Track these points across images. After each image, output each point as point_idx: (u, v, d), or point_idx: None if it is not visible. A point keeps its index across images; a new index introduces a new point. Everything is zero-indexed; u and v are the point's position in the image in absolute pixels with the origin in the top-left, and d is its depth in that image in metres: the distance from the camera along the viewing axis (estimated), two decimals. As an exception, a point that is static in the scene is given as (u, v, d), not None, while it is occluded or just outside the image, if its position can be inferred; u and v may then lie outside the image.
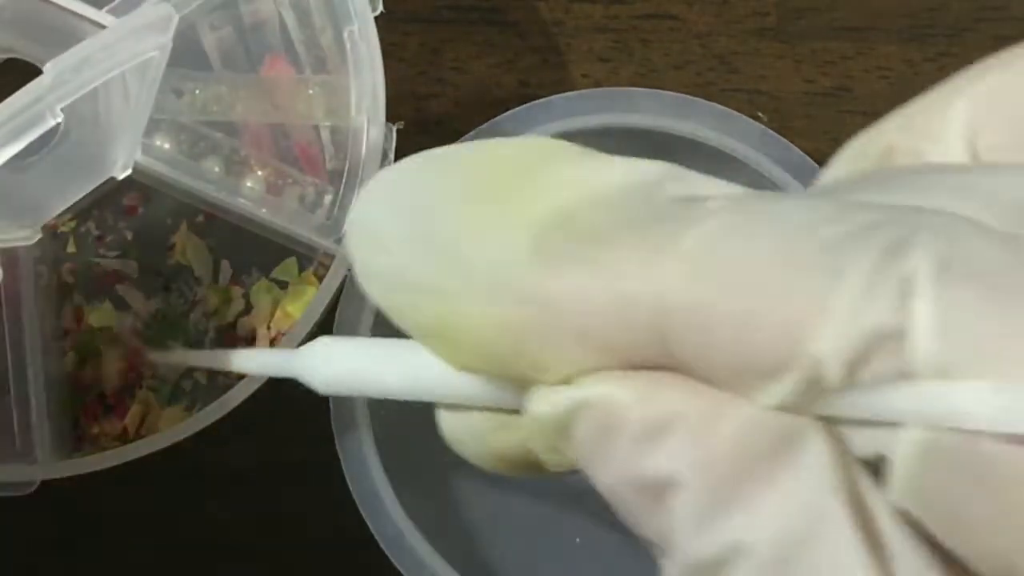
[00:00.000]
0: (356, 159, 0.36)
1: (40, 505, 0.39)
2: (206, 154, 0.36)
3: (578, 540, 0.39)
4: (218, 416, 0.35)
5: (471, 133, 0.39)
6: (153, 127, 0.35)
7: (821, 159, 0.39)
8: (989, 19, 0.42)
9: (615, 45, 0.42)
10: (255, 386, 0.35)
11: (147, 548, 0.40)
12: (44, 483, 0.34)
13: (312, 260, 0.39)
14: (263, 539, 0.40)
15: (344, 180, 0.36)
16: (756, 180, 0.39)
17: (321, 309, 0.36)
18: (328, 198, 0.36)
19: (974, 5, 0.42)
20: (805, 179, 0.39)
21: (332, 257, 0.36)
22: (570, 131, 0.40)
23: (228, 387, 0.35)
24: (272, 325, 0.39)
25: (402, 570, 0.37)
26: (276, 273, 0.39)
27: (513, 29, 0.42)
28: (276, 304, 0.39)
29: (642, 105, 0.39)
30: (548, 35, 0.42)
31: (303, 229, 0.36)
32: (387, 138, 0.36)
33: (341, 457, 0.37)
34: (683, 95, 0.39)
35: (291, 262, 0.39)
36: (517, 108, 0.39)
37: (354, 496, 0.37)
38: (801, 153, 0.39)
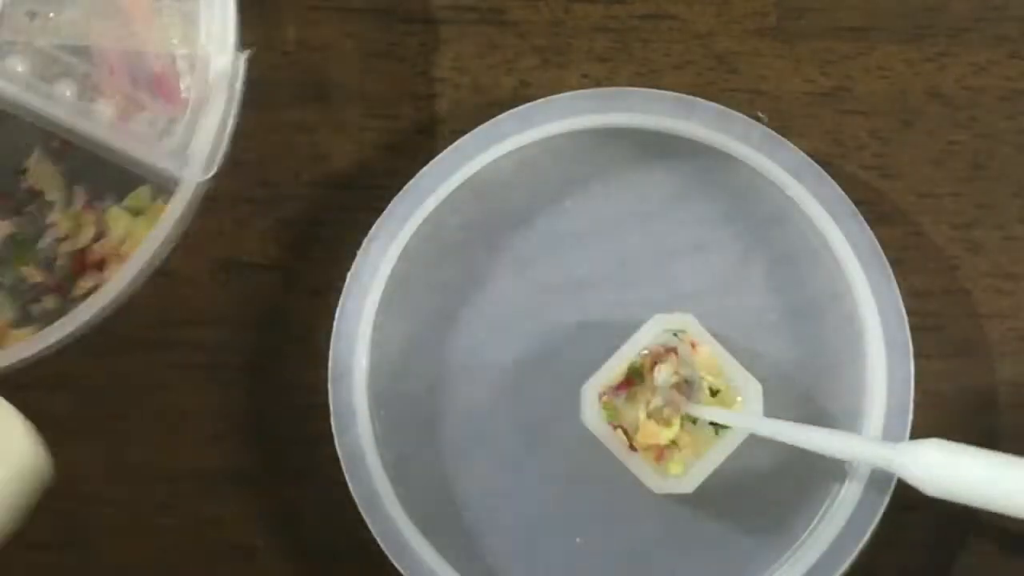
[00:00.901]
0: (205, 88, 0.36)
1: (39, 506, 0.39)
2: (59, 78, 0.36)
3: (578, 540, 0.38)
4: (65, 332, 0.35)
5: (471, 133, 0.39)
6: (7, 49, 0.35)
7: (821, 159, 0.39)
8: (989, 19, 0.42)
9: (615, 45, 0.42)
10: (99, 307, 0.35)
11: (147, 548, 0.40)
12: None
13: (165, 188, 0.38)
14: (263, 539, 0.40)
15: (192, 108, 0.36)
16: (755, 180, 0.39)
17: (165, 233, 0.36)
18: (179, 126, 0.36)
19: (974, 5, 0.42)
20: (805, 179, 0.39)
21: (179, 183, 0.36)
22: (570, 131, 0.40)
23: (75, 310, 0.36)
24: (123, 251, 0.39)
25: (401, 570, 0.37)
26: (129, 201, 0.39)
27: (513, 29, 0.42)
28: (128, 231, 0.39)
29: (642, 105, 0.39)
30: (548, 35, 0.42)
31: (153, 155, 0.36)
32: (234, 67, 0.36)
33: (341, 457, 0.37)
34: (683, 95, 0.39)
35: (144, 190, 0.39)
36: (517, 108, 0.39)
37: (354, 496, 0.37)
38: (801, 153, 0.39)
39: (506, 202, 0.40)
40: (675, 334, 0.37)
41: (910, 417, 0.38)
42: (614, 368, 0.37)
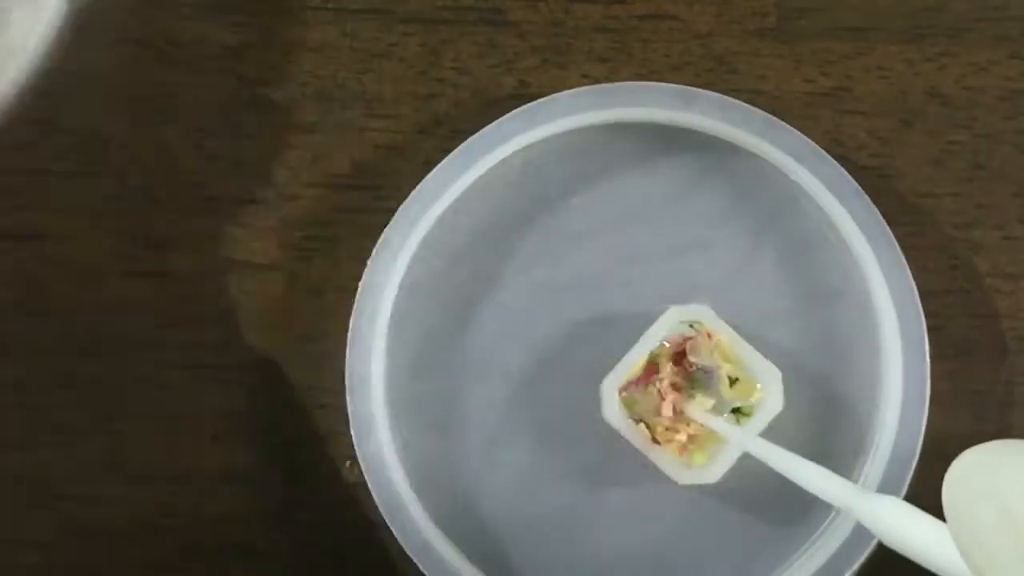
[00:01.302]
0: None
1: (39, 506, 0.39)
2: None
3: (602, 535, 0.38)
4: None
5: (479, 133, 0.39)
6: None
7: (823, 157, 0.39)
8: (989, 19, 0.42)
9: (615, 45, 0.42)
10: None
11: (147, 548, 0.39)
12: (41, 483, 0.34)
13: None
14: (263, 539, 0.39)
15: None
16: (759, 167, 0.39)
17: None
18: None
19: (974, 5, 0.42)
20: (808, 166, 0.39)
21: None
22: (572, 129, 0.40)
23: None
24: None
25: (427, 572, 0.37)
26: None
27: (513, 29, 0.42)
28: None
29: (644, 98, 0.39)
30: (548, 35, 0.42)
31: None
32: None
33: (363, 467, 0.37)
34: (684, 86, 0.39)
35: None
36: (517, 108, 0.39)
37: (377, 504, 0.37)
38: (804, 138, 0.39)
39: (513, 203, 0.40)
40: (691, 325, 0.37)
41: (926, 406, 0.38)
42: (632, 363, 0.37)
